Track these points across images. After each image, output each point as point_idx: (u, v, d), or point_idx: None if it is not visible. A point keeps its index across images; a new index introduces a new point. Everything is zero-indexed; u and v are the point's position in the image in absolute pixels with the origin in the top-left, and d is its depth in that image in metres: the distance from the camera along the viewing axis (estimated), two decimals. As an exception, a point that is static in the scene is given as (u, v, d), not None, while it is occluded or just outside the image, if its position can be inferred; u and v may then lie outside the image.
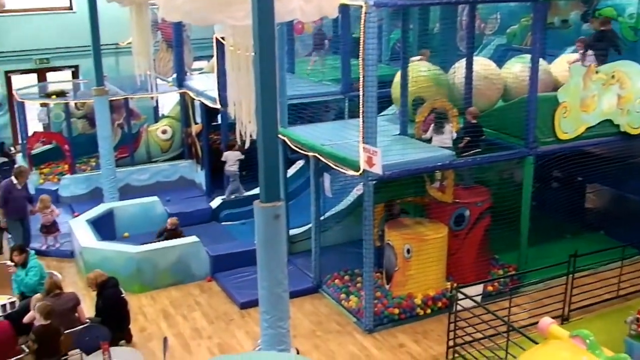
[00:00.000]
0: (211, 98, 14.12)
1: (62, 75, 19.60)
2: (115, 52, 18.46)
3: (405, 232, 10.60)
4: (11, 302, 9.75)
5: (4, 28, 17.37)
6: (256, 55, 7.19)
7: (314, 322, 10.53)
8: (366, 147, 9.20)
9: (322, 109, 12.66)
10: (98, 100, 13.68)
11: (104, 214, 13.16)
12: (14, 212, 12.16)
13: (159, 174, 15.87)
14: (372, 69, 9.10)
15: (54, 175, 15.87)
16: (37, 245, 12.54)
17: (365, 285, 10.16)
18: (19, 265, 10.06)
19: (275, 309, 7.68)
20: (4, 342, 8.41)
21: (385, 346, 9.88)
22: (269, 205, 7.36)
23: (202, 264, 11.89)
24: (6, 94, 18.68)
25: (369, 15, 8.93)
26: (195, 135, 15.82)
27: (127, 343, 9.73)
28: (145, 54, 12.74)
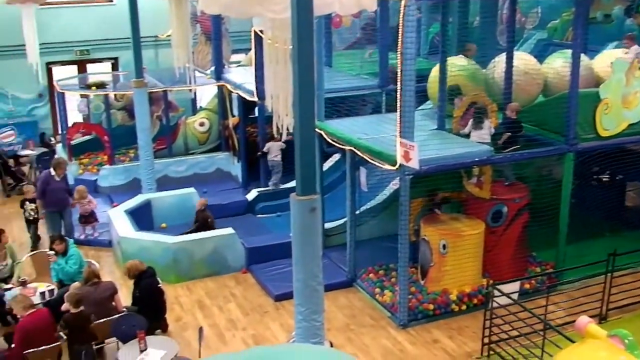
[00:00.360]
0: (249, 91, 14.17)
1: (102, 67, 19.86)
2: (155, 44, 18.64)
3: (442, 227, 10.54)
4: (50, 290, 9.94)
5: (46, 20, 17.61)
6: (294, 48, 7.21)
7: (347, 316, 10.53)
8: (403, 141, 9.14)
9: (359, 102, 12.61)
10: (137, 92, 13.82)
11: (141, 205, 13.30)
12: (51, 203, 12.24)
13: (196, 165, 15.98)
14: (411, 62, 9.04)
15: (93, 166, 16.08)
16: (75, 234, 12.71)
17: (400, 280, 10.12)
18: (59, 253, 10.23)
19: (310, 302, 7.71)
20: (43, 329, 8.55)
21: (419, 341, 9.84)
22: (305, 198, 7.38)
23: (238, 255, 11.97)
24: (47, 85, 18.99)
25: (408, 8, 8.86)
26: (232, 128, 15.89)
27: (163, 332, 9.84)
28: (184, 46, 12.85)
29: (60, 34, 18.59)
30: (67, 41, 18.87)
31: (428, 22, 15.52)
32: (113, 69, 19.68)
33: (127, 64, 17.67)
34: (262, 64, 11.40)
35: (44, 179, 12.36)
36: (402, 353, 9.59)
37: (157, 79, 16.25)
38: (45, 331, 8.56)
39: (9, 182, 16.05)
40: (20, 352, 8.32)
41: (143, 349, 8.33)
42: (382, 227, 11.99)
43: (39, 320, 8.57)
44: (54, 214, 12.30)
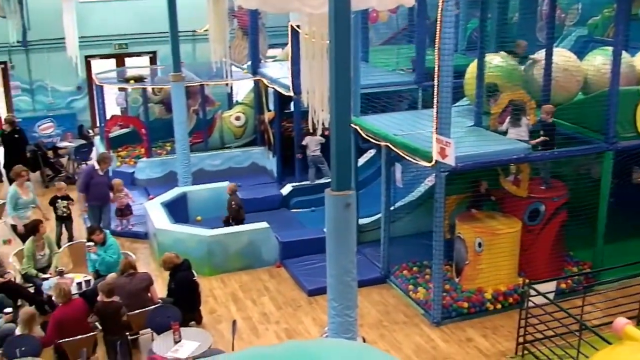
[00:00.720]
0: (285, 86, 14.19)
1: (140, 60, 20.07)
2: (193, 39, 18.78)
3: (477, 225, 10.45)
4: (86, 281, 10.08)
5: (85, 14, 17.85)
6: (331, 43, 7.20)
7: (381, 312, 10.51)
8: (439, 137, 9.08)
9: (395, 98, 12.55)
10: (175, 86, 13.93)
11: (177, 198, 13.43)
12: (94, 198, 12.31)
13: (231, 159, 16.07)
14: (448, 58, 8.97)
15: (131, 159, 16.26)
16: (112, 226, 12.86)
17: (434, 278, 10.06)
18: (98, 244, 10.37)
19: (343, 297, 7.72)
20: (77, 319, 8.67)
21: (452, 339, 9.78)
22: (340, 193, 7.39)
23: (272, 249, 12.02)
24: (86, 78, 19.25)
25: (446, 3, 8.79)
26: (268, 123, 15.94)
27: (197, 324, 9.92)
28: (222, 41, 12.90)
29: (100, 27, 18.85)
30: (106, 35, 19.13)
31: (466, 17, 15.38)
32: (151, 63, 19.91)
33: (165, 58, 17.87)
34: (298, 58, 11.44)
35: (87, 173, 12.43)
36: (435, 350, 9.54)
37: (194, 73, 16.37)
38: (79, 321, 8.70)
39: (47, 174, 16.30)
40: (53, 340, 8.46)
41: (177, 340, 8.42)
42: (416, 223, 11.92)
43: (73, 310, 8.71)
44: (95, 207, 12.35)
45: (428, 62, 12.08)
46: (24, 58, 18.83)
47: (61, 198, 12.27)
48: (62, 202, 12.23)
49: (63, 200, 12.27)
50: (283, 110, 15.65)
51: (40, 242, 10.57)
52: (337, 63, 7.15)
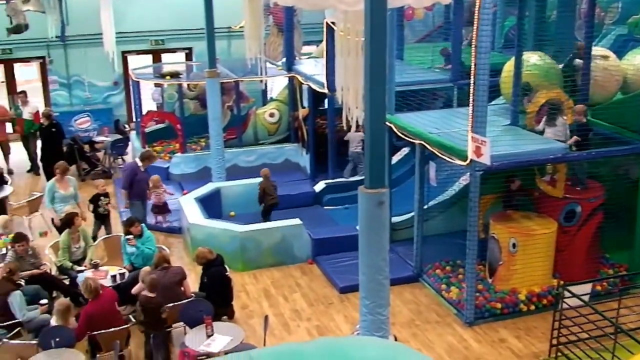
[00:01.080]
0: (319, 82, 14.20)
1: (176, 56, 20.23)
2: (228, 35, 18.87)
3: (512, 225, 10.35)
4: (121, 274, 10.19)
5: (122, 10, 18.03)
6: (366, 40, 7.19)
7: (413, 311, 10.46)
8: (475, 136, 9.01)
9: (430, 96, 12.48)
10: (210, 82, 14.01)
11: (211, 193, 13.51)
12: (137, 194, 12.34)
13: (265, 156, 16.11)
14: (485, 56, 8.88)
15: (166, 154, 16.39)
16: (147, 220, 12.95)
17: (468, 277, 9.99)
18: (137, 236, 10.48)
19: (375, 295, 7.71)
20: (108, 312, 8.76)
21: (485, 340, 9.70)
22: (373, 191, 7.37)
23: (304, 246, 12.03)
24: (122, 73, 19.46)
25: (484, 0, 8.71)
26: (302, 119, 15.96)
27: (229, 319, 9.97)
28: (257, 38, 12.95)
29: (137, 23, 19.03)
30: (143, 31, 19.30)
31: (503, 15, 15.23)
32: (187, 59, 20.04)
33: (201, 54, 17.97)
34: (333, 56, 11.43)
35: (131, 170, 12.42)
36: (467, 350, 9.47)
37: (229, 69, 16.44)
38: (109, 315, 8.79)
39: (83, 167, 16.52)
40: (84, 333, 8.56)
41: (210, 334, 8.47)
42: (450, 222, 11.85)
43: (102, 304, 8.79)
44: (138, 204, 12.35)
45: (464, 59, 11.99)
46: (62, 53, 19.10)
47: (102, 195, 12.24)
48: (104, 200, 12.20)
49: (105, 198, 12.24)
50: (317, 107, 15.67)
51: (75, 234, 10.70)
52: (372, 60, 7.13)
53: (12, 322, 9.02)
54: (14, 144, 17.13)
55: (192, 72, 17.56)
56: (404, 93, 11.53)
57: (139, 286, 9.53)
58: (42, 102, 19.32)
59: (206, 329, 8.51)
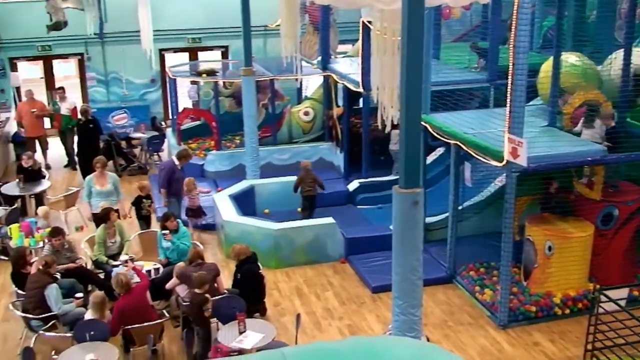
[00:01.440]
0: (354, 81, 14.18)
1: (212, 54, 20.36)
2: (264, 33, 18.91)
3: (548, 228, 10.22)
4: (156, 269, 10.29)
5: (160, 8, 18.17)
6: (403, 39, 7.15)
7: (445, 312, 10.40)
8: (511, 137, 8.91)
9: (466, 96, 12.38)
10: (245, 80, 14.06)
11: (245, 190, 13.57)
12: (174, 193, 12.39)
13: (299, 154, 16.12)
14: (523, 56, 8.78)
15: (201, 151, 16.49)
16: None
17: (502, 280, 9.90)
18: (172, 231, 10.56)
19: (408, 295, 7.68)
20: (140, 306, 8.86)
21: (518, 343, 9.60)
22: (408, 191, 7.35)
23: (337, 245, 12.03)
24: (159, 70, 19.64)
25: (522, 0, 8.61)
26: (337, 118, 15.95)
27: (262, 316, 10.00)
28: (293, 36, 12.94)
29: (174, 21, 19.19)
30: (180, 29, 19.46)
31: (542, 15, 15.04)
32: (223, 57, 20.16)
33: (237, 52, 18.08)
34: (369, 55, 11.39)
35: (169, 168, 12.47)
36: (500, 353, 9.39)
37: (265, 67, 16.49)
38: (141, 309, 8.89)
39: (120, 163, 16.72)
40: (117, 328, 8.67)
41: (242, 330, 8.51)
42: (484, 223, 11.74)
43: (134, 299, 8.89)
44: (176, 202, 12.39)
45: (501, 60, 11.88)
46: (100, 50, 19.34)
47: (145, 197, 12.20)
48: (146, 202, 12.15)
49: (147, 200, 12.20)
50: (352, 107, 15.65)
51: (111, 229, 10.83)
52: (409, 60, 7.10)
53: (48, 315, 9.15)
54: (51, 139, 17.41)
55: (228, 70, 17.66)
56: (439, 93, 11.45)
57: (173, 281, 9.63)
58: (80, 98, 19.59)
59: (239, 325, 8.56)
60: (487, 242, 11.18)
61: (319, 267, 11.86)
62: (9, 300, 10.26)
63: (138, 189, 12.44)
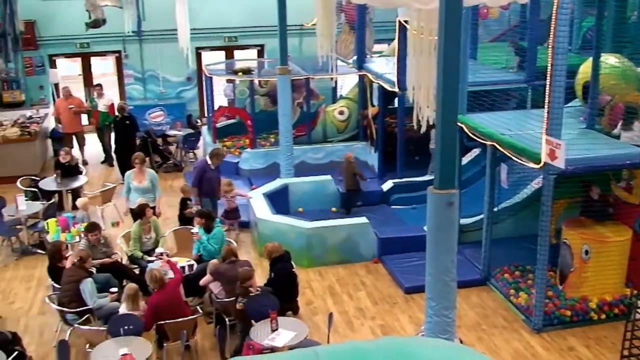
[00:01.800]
0: (390, 81, 14.13)
1: (248, 53, 20.44)
2: (300, 32, 18.93)
3: (585, 231, 10.07)
4: (190, 265, 10.36)
5: (197, 6, 18.30)
6: (440, 39, 7.10)
7: (479, 315, 10.31)
8: (549, 139, 8.79)
9: (503, 97, 12.25)
10: (281, 79, 14.08)
11: (279, 189, 13.60)
12: (206, 192, 12.38)
13: (333, 153, 16.12)
14: (562, 57, 8.66)
15: (236, 149, 16.58)
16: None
17: (537, 283, 9.77)
18: (203, 227, 10.62)
19: (442, 297, 7.63)
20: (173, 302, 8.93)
21: (553, 347, 9.48)
22: (443, 192, 7.30)
23: (370, 245, 11.99)
24: (196, 69, 19.77)
25: (561, 0, 8.49)
26: (372, 118, 15.91)
27: (294, 315, 10.00)
28: (329, 35, 12.93)
29: (211, 20, 19.30)
30: (217, 27, 19.58)
31: (581, 15, 14.83)
32: (258, 56, 20.23)
33: (272, 51, 18.14)
34: (405, 54, 11.36)
35: (200, 167, 12.55)
36: (534, 358, 9.28)
37: (300, 66, 16.52)
38: (175, 305, 8.96)
39: (156, 160, 16.87)
40: (151, 324, 8.75)
41: (274, 328, 8.53)
42: (520, 226, 11.59)
43: (168, 295, 8.95)
44: (207, 201, 12.38)
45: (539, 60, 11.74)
46: (138, 48, 19.53)
47: (189, 200, 12.24)
48: (190, 204, 12.15)
49: (191, 202, 12.20)
50: (387, 106, 15.59)
51: (146, 225, 10.93)
52: (446, 60, 7.05)
53: (83, 309, 9.27)
54: (89, 135, 17.64)
55: (264, 69, 17.71)
56: (476, 93, 11.36)
57: (207, 278, 9.69)
58: (117, 95, 19.82)
59: (271, 323, 8.58)
60: (522, 244, 11.08)
61: (351, 266, 11.84)
62: (45, 294, 10.43)
63: (181, 192, 12.55)
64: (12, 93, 18.51)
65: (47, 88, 19.29)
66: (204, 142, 17.58)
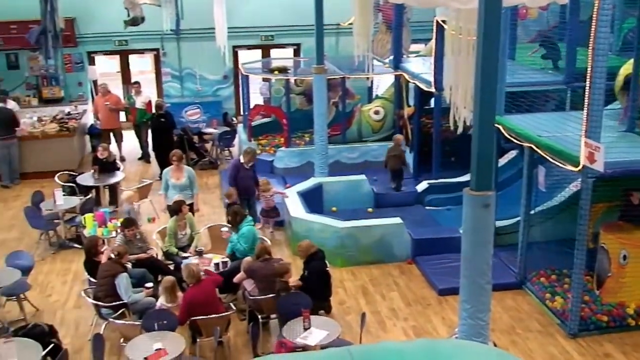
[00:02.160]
0: (426, 81, 14.05)
1: (284, 52, 20.49)
2: (336, 32, 18.91)
3: (623, 236, 9.89)
4: (224, 262, 10.41)
5: (234, 5, 18.39)
6: (479, 40, 7.06)
7: (514, 319, 10.19)
8: (588, 141, 8.66)
9: (541, 98, 12.11)
10: (317, 78, 14.08)
11: (313, 188, 13.60)
12: (240, 191, 12.36)
13: (368, 153, 16.09)
14: (602, 59, 8.52)
15: (271, 147, 16.63)
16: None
17: (574, 287, 9.63)
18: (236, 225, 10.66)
19: (476, 300, 7.58)
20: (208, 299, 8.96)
21: (589, 353, 9.34)
22: (479, 193, 7.25)
23: (404, 245, 11.93)
24: (232, 67, 19.88)
25: (602, 1, 8.36)
26: (407, 118, 15.84)
27: (326, 314, 9.99)
28: (365, 35, 12.92)
29: (248, 19, 19.40)
30: (254, 26, 19.67)
31: (622, 16, 14.59)
32: (295, 55, 20.27)
33: (309, 50, 18.15)
34: (442, 54, 11.28)
35: (234, 166, 12.65)
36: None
37: (336, 66, 16.51)
38: (209, 302, 8.98)
39: (192, 157, 16.99)
40: (185, 318, 8.82)
41: (307, 327, 8.54)
42: (557, 229, 11.42)
43: (202, 291, 8.99)
44: (243, 200, 12.42)
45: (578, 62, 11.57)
46: (176, 46, 19.71)
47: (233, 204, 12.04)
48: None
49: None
50: (423, 106, 15.51)
51: (182, 221, 11.01)
52: (484, 60, 7.01)
53: (118, 303, 9.38)
54: (126, 132, 17.84)
55: (300, 68, 17.74)
56: (514, 94, 11.24)
57: (241, 275, 9.73)
58: (155, 93, 20.01)
59: (303, 322, 8.58)
60: (559, 248, 10.92)
61: (384, 266, 11.79)
62: (81, 288, 10.57)
63: (226, 197, 12.47)
64: (52, 89, 18.83)
65: (86, 85, 19.57)
66: (239, 140, 17.68)
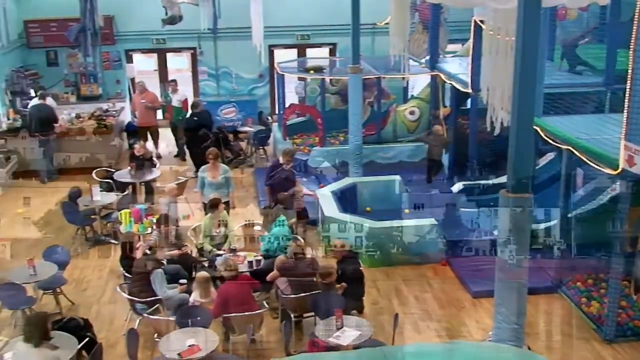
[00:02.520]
0: (463, 82, 13.94)
1: (320, 51, 20.51)
2: (372, 31, 18.85)
3: (662, 240, 9.74)
4: (257, 260, 10.45)
5: (271, 5, 18.43)
6: (517, 40, 6.99)
7: (549, 323, 10.07)
8: (628, 144, 8.51)
9: (580, 100, 11.94)
10: (352, 78, 14.06)
11: (347, 187, 13.58)
12: (278, 191, 12.38)
13: (403, 153, 16.03)
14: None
15: (305, 146, 16.64)
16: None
17: (610, 292, 9.47)
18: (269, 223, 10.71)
19: (511, 303, 7.49)
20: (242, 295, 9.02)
21: (624, 359, 9.19)
22: (516, 195, 7.16)
23: (438, 246, 11.86)
24: (268, 66, 19.95)
25: (645, 1, 8.22)
26: (443, 119, 15.74)
27: (359, 314, 9.95)
28: (402, 34, 12.88)
29: (284, 18, 19.44)
30: (290, 25, 19.71)
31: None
32: (330, 54, 20.27)
33: (344, 49, 18.14)
34: (479, 55, 11.18)
35: (273, 166, 12.74)
36: (605, 369, 9.03)
37: (372, 65, 16.47)
38: (243, 299, 9.04)
39: (227, 156, 17.04)
40: (219, 312, 8.89)
41: (339, 326, 8.52)
42: (594, 233, 11.26)
43: (237, 288, 9.07)
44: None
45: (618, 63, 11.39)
46: (212, 45, 19.85)
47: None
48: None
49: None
50: (459, 107, 15.40)
51: (217, 219, 11.08)
52: (523, 61, 6.93)
53: (153, 299, 9.47)
54: (163, 129, 18.01)
55: (335, 67, 17.74)
56: (552, 95, 11.10)
57: (274, 274, 9.76)
58: (191, 91, 20.16)
59: (336, 321, 8.57)
60: (596, 252, 10.76)
61: (418, 268, 11.73)
62: (116, 283, 10.70)
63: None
64: (90, 86, 19.11)
65: (124, 82, 19.80)
66: (274, 139, 17.73)
